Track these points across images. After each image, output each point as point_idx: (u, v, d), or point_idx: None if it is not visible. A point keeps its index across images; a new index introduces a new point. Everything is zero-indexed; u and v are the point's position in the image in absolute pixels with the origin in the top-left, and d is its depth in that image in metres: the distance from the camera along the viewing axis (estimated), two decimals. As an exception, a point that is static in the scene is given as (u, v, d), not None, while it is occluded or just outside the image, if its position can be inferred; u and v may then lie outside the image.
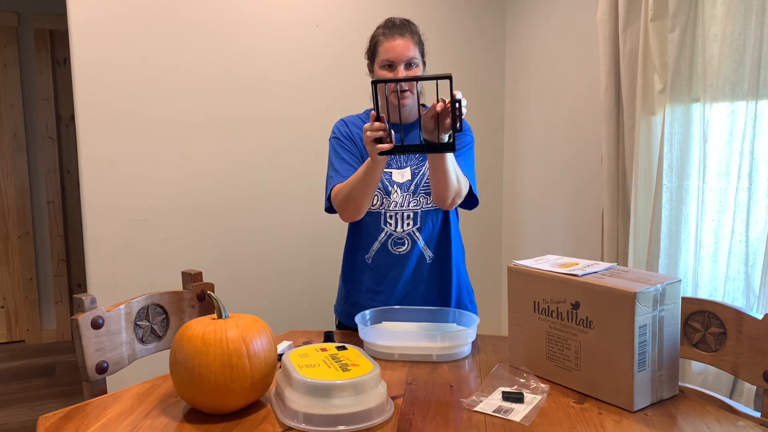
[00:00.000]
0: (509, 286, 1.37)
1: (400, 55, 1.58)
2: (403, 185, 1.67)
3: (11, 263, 3.95)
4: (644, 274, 1.24)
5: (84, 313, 1.34)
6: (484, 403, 1.18)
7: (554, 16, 2.57)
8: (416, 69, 1.61)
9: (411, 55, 1.59)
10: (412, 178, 1.67)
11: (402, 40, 1.59)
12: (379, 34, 1.64)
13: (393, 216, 1.67)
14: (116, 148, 2.38)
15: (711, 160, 1.77)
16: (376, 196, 1.66)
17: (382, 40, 1.61)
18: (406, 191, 1.67)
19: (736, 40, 1.66)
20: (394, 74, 1.59)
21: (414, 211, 1.67)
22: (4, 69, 3.84)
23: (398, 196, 1.66)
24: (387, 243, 1.68)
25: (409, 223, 1.66)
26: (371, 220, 1.69)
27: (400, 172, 1.68)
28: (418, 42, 1.64)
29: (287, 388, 1.12)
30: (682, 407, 1.18)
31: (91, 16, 2.30)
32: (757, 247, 1.65)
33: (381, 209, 1.67)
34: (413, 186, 1.67)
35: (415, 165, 1.69)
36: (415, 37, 1.62)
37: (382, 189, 1.67)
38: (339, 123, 1.76)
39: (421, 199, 1.67)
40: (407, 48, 1.59)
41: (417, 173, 1.68)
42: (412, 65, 1.60)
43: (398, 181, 1.67)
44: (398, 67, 1.59)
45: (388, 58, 1.59)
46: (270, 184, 2.61)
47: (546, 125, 2.66)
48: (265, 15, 2.53)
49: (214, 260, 2.53)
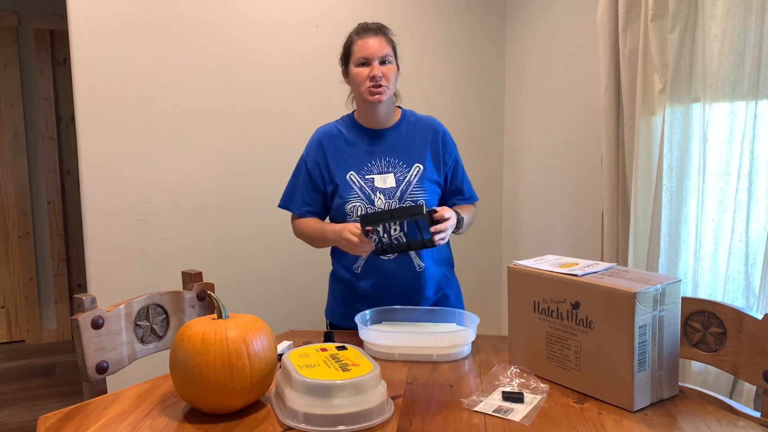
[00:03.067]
0: (509, 286, 1.37)
1: (375, 52, 1.63)
2: (387, 191, 1.67)
3: (11, 263, 3.95)
4: (644, 274, 1.24)
5: (84, 313, 1.34)
6: (484, 403, 1.18)
7: (554, 16, 2.57)
8: (391, 66, 1.65)
9: (385, 52, 1.64)
10: (397, 185, 1.67)
11: (376, 38, 1.64)
12: (353, 35, 1.69)
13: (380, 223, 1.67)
14: (116, 148, 2.38)
15: (711, 160, 1.77)
16: (359, 206, 1.66)
17: (356, 40, 1.66)
18: (391, 198, 1.66)
19: (736, 40, 1.66)
20: (369, 70, 1.63)
21: None
22: (4, 69, 3.84)
23: (382, 203, 1.66)
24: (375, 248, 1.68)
25: (396, 228, 1.66)
26: None
27: (383, 177, 1.68)
28: (391, 44, 1.69)
29: (287, 388, 1.12)
30: (682, 407, 1.18)
31: (91, 16, 2.30)
32: (757, 247, 1.65)
33: None
34: (399, 193, 1.67)
35: (400, 172, 1.69)
36: (387, 37, 1.68)
37: (365, 198, 1.66)
38: (314, 141, 1.77)
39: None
40: (381, 46, 1.64)
41: (402, 180, 1.68)
42: (387, 62, 1.64)
43: (381, 186, 1.67)
44: (373, 63, 1.63)
45: (364, 55, 1.63)
46: (270, 183, 2.61)
47: (546, 125, 2.66)
48: (266, 15, 2.53)
49: (214, 260, 2.53)
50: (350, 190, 1.67)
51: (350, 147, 1.72)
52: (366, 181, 1.67)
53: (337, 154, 1.71)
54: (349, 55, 1.68)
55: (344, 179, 1.68)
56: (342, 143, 1.73)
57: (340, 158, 1.71)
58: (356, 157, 1.70)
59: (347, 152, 1.71)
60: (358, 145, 1.72)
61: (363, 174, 1.68)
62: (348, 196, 1.67)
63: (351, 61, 1.67)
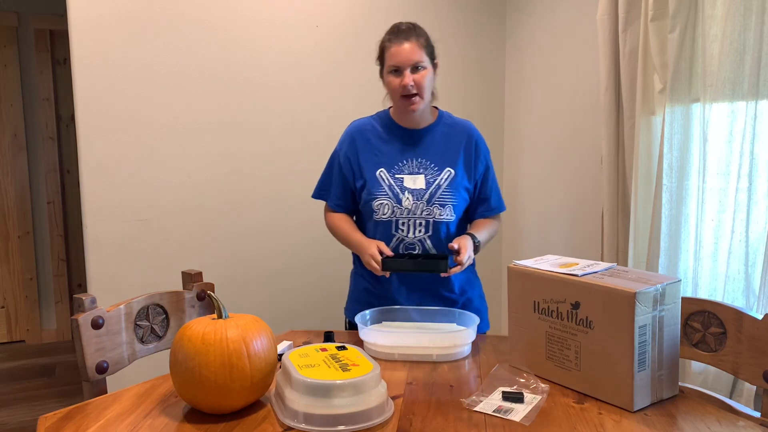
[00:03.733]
0: (509, 286, 1.37)
1: (405, 60, 1.58)
2: (416, 192, 1.66)
3: (11, 263, 3.95)
4: (644, 274, 1.24)
5: (84, 313, 1.34)
6: (484, 403, 1.18)
7: (554, 16, 2.57)
8: (423, 72, 1.61)
9: (417, 59, 1.59)
10: (427, 187, 1.66)
11: (407, 44, 1.59)
12: (386, 40, 1.64)
13: (405, 223, 1.66)
14: (116, 148, 2.38)
15: (711, 160, 1.77)
16: (387, 204, 1.66)
17: (388, 46, 1.62)
18: (419, 199, 1.65)
19: (736, 40, 1.66)
20: (400, 79, 1.60)
21: (426, 219, 1.66)
22: (4, 69, 3.83)
23: (410, 203, 1.65)
24: (398, 248, 1.68)
25: (421, 230, 1.66)
26: (383, 228, 1.68)
27: (413, 177, 1.67)
28: (425, 45, 1.63)
29: (287, 388, 1.12)
30: (682, 407, 1.18)
31: (91, 16, 2.30)
32: (757, 247, 1.65)
33: (392, 217, 1.66)
34: (428, 195, 1.66)
35: (431, 174, 1.67)
36: (421, 40, 1.62)
37: (393, 197, 1.66)
38: (346, 135, 1.76)
39: (435, 209, 1.65)
40: (413, 52, 1.59)
41: (432, 183, 1.67)
42: (419, 68, 1.60)
43: (410, 186, 1.66)
44: (405, 71, 1.59)
45: (394, 63, 1.60)
46: (270, 183, 2.61)
47: (546, 125, 2.66)
48: (265, 15, 2.53)
49: (214, 260, 2.53)
50: (379, 187, 1.67)
51: (383, 144, 1.71)
52: (396, 180, 1.67)
53: (369, 150, 1.71)
54: (382, 60, 1.65)
55: (374, 175, 1.68)
56: (375, 139, 1.72)
57: (372, 154, 1.70)
58: (388, 154, 1.69)
59: (379, 149, 1.70)
60: (391, 142, 1.71)
61: (393, 173, 1.67)
62: (376, 193, 1.66)
63: (384, 67, 1.64)
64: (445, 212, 1.66)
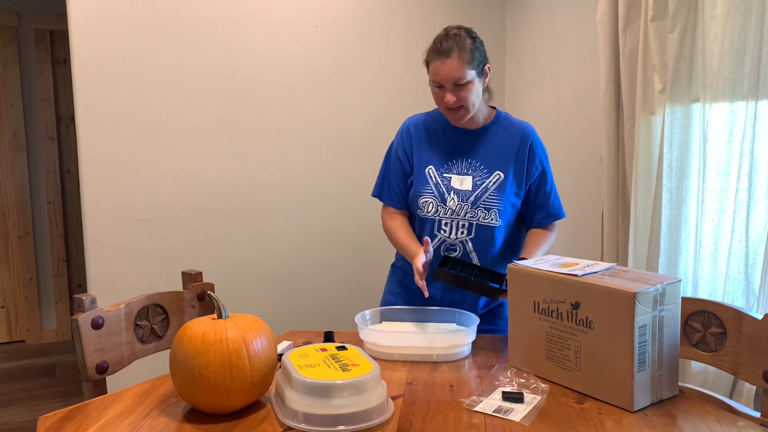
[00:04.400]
0: (509, 286, 1.37)
1: (445, 78, 1.56)
2: (462, 193, 1.64)
3: (11, 263, 3.95)
4: (644, 274, 1.24)
5: (84, 313, 1.34)
6: (484, 403, 1.18)
7: (554, 16, 2.57)
8: (469, 86, 1.56)
9: (457, 76, 1.54)
10: (473, 189, 1.64)
11: (447, 62, 1.54)
12: (428, 55, 1.61)
13: (448, 223, 1.64)
14: (116, 148, 2.38)
15: (711, 160, 1.77)
16: (432, 202, 1.65)
17: (430, 62, 1.60)
18: (464, 201, 1.63)
19: (736, 40, 1.66)
20: (443, 95, 1.57)
21: (470, 221, 1.64)
22: (4, 69, 3.83)
23: (455, 204, 1.63)
24: (440, 249, 1.66)
25: (464, 231, 1.64)
26: (426, 226, 1.67)
27: (460, 178, 1.65)
28: (469, 59, 1.56)
29: (287, 388, 1.12)
30: (682, 407, 1.18)
31: (91, 16, 2.30)
32: (757, 247, 1.65)
33: (436, 216, 1.65)
34: (473, 197, 1.63)
35: (479, 177, 1.65)
36: (464, 55, 1.55)
37: (438, 196, 1.64)
38: (403, 128, 1.75)
39: (479, 212, 1.63)
40: (453, 70, 1.54)
41: (479, 185, 1.64)
42: (462, 84, 1.56)
43: (456, 187, 1.65)
44: (446, 88, 1.57)
45: (436, 81, 1.59)
46: (270, 184, 2.61)
47: (546, 125, 2.66)
48: (266, 15, 2.53)
49: (214, 260, 2.53)
50: (426, 184, 1.66)
51: (435, 142, 1.70)
52: (443, 179, 1.65)
53: (422, 145, 1.70)
54: (428, 70, 1.62)
55: (422, 172, 1.67)
56: (429, 136, 1.71)
57: (423, 150, 1.69)
58: (439, 152, 1.68)
59: (431, 146, 1.70)
60: (444, 141, 1.69)
61: (442, 171, 1.66)
62: (422, 190, 1.66)
63: (429, 78, 1.62)
64: (490, 216, 1.63)
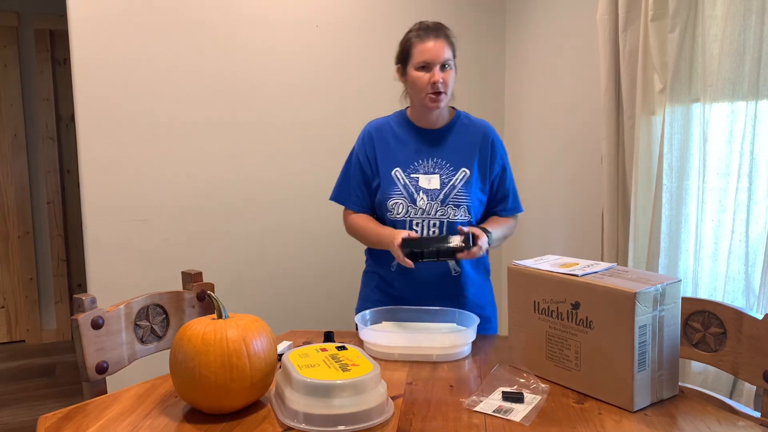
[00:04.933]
0: (509, 286, 1.37)
1: (435, 57, 1.59)
2: (431, 192, 1.66)
3: (11, 263, 3.95)
4: (644, 274, 1.24)
5: (84, 313, 1.34)
6: (484, 403, 1.18)
7: (554, 16, 2.57)
8: (450, 71, 1.63)
9: (446, 56, 1.60)
10: (441, 187, 1.66)
11: (437, 41, 1.60)
12: (413, 36, 1.64)
13: (419, 223, 1.66)
14: (116, 148, 2.38)
15: (711, 160, 1.77)
16: (401, 203, 1.66)
17: (416, 42, 1.62)
18: (433, 200, 1.65)
19: (736, 40, 1.65)
20: (430, 75, 1.60)
21: (440, 220, 1.66)
22: (4, 69, 3.83)
23: (424, 203, 1.65)
24: None
25: (435, 231, 1.66)
26: (397, 228, 1.67)
27: (428, 177, 1.67)
28: (451, 44, 1.64)
29: (287, 388, 1.12)
30: (682, 407, 1.18)
31: (91, 16, 2.30)
32: (757, 247, 1.65)
33: (406, 217, 1.66)
34: (442, 195, 1.66)
35: (446, 174, 1.67)
36: (449, 39, 1.63)
37: (408, 196, 1.66)
38: (364, 133, 1.76)
39: (449, 210, 1.65)
40: (442, 50, 1.60)
41: (447, 183, 1.67)
42: (447, 66, 1.62)
43: (425, 186, 1.66)
44: (434, 68, 1.60)
45: (424, 60, 1.60)
46: (270, 184, 2.61)
47: (546, 125, 2.66)
48: (266, 15, 2.53)
49: (214, 260, 2.53)
50: (394, 186, 1.67)
51: (399, 143, 1.71)
52: (411, 180, 1.67)
53: (385, 149, 1.71)
54: (407, 56, 1.64)
55: (389, 175, 1.68)
56: (391, 138, 1.72)
57: (388, 153, 1.70)
58: (404, 154, 1.70)
59: (396, 148, 1.71)
60: (408, 142, 1.71)
61: (408, 172, 1.68)
62: (391, 192, 1.67)
63: (410, 64, 1.63)
64: (460, 213, 1.66)
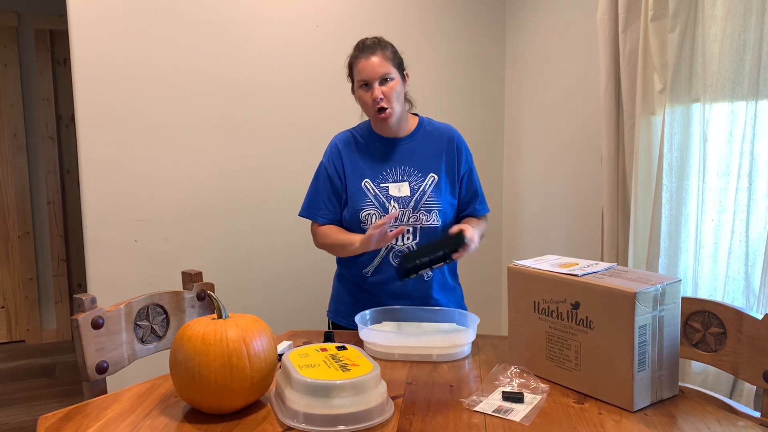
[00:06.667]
0: (509, 286, 1.37)
1: (372, 74, 1.62)
2: (402, 200, 1.67)
3: (11, 263, 3.95)
4: (644, 274, 1.24)
5: (84, 313, 1.34)
6: (484, 403, 1.18)
7: (554, 16, 2.57)
8: (392, 83, 1.64)
9: (384, 71, 1.62)
10: (412, 194, 1.68)
11: (374, 58, 1.62)
12: (353, 56, 1.68)
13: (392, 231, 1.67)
14: (116, 148, 2.38)
15: (711, 160, 1.77)
16: (374, 214, 1.66)
17: (355, 62, 1.66)
18: (405, 207, 1.67)
19: (736, 40, 1.66)
20: (370, 93, 1.63)
21: (414, 226, 1.67)
22: (4, 69, 3.83)
23: (396, 212, 1.66)
24: (388, 256, 1.69)
25: (409, 237, 1.67)
26: None
27: (397, 186, 1.68)
28: (392, 57, 1.66)
29: (287, 388, 1.12)
30: (682, 407, 1.18)
31: (91, 16, 2.30)
32: (757, 247, 1.65)
33: None
34: (413, 202, 1.67)
35: (415, 181, 1.69)
36: (387, 52, 1.65)
37: (379, 206, 1.67)
38: (332, 146, 1.76)
39: (421, 216, 1.67)
40: (380, 65, 1.62)
41: (417, 189, 1.68)
42: (388, 80, 1.63)
43: (395, 194, 1.68)
44: (373, 85, 1.62)
45: (362, 78, 1.64)
46: (270, 184, 2.61)
47: (546, 125, 2.66)
48: (266, 15, 2.53)
49: (214, 260, 2.53)
50: (364, 197, 1.68)
51: (366, 155, 1.72)
52: (381, 189, 1.68)
53: (353, 161, 1.72)
54: (352, 75, 1.69)
55: (359, 187, 1.69)
56: (358, 151, 1.73)
57: (356, 165, 1.71)
58: (371, 165, 1.71)
59: (363, 159, 1.72)
60: (374, 153, 1.72)
61: (378, 182, 1.69)
62: (362, 203, 1.67)
63: (354, 83, 1.68)
64: (432, 218, 1.67)
